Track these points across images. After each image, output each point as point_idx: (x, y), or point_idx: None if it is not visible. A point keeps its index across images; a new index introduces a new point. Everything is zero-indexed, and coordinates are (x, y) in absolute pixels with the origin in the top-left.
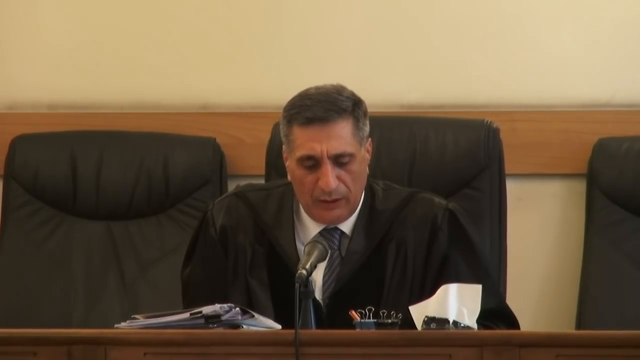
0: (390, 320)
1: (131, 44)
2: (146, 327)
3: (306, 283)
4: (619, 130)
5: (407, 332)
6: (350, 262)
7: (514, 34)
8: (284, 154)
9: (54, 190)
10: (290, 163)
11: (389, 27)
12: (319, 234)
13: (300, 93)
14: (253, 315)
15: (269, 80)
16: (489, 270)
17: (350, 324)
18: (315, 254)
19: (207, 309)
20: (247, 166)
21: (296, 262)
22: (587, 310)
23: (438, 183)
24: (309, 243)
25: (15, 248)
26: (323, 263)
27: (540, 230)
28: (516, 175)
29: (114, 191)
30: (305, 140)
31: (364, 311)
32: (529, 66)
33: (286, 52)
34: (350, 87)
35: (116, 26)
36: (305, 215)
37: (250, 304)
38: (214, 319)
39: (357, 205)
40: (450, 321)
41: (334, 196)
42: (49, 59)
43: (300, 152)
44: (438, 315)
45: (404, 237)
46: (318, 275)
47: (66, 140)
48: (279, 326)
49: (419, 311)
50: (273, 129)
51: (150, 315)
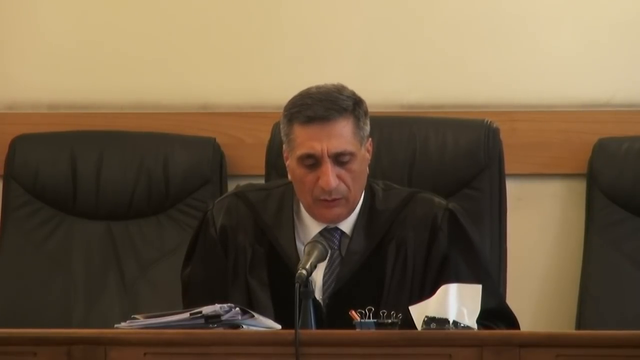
0: (390, 320)
1: (131, 44)
2: (146, 327)
3: (306, 283)
4: (619, 130)
5: (407, 332)
6: (350, 262)
7: (514, 34)
8: (285, 153)
9: (54, 190)
10: (290, 162)
11: (389, 27)
12: (319, 234)
13: (301, 92)
14: (253, 315)
15: (269, 80)
16: (489, 270)
17: (350, 324)
18: (315, 254)
19: (207, 309)
20: (247, 166)
21: (296, 262)
22: (587, 310)
23: (438, 183)
24: (309, 243)
25: (15, 248)
26: (323, 263)
27: (540, 230)
28: (516, 175)
29: (114, 191)
30: (306, 139)
31: (364, 311)
32: (529, 66)
33: (286, 52)
34: (351, 87)
35: (116, 26)
36: (305, 215)
37: (250, 304)
38: (214, 319)
39: (357, 204)
40: (450, 321)
41: (333, 196)
42: (49, 59)
43: (300, 151)
44: (438, 315)
45: (404, 237)
46: (318, 275)
47: (66, 140)
48: (279, 326)
49: (419, 311)
50: (273, 129)
51: (150, 315)
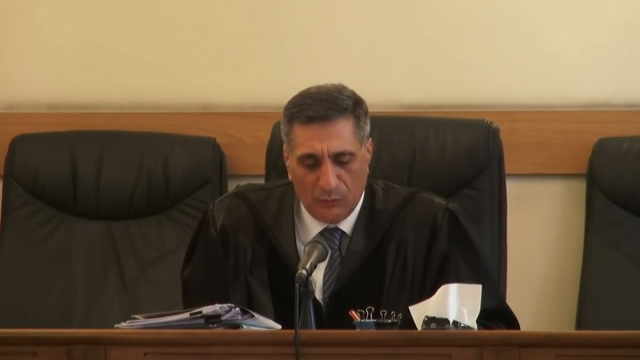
0: (390, 320)
1: (131, 44)
2: (146, 327)
3: (306, 283)
4: (619, 130)
5: (407, 332)
6: (350, 262)
7: (514, 34)
8: (285, 153)
9: (54, 190)
10: (290, 162)
11: (389, 27)
12: (319, 234)
13: (301, 92)
14: (253, 315)
15: (269, 80)
16: (489, 270)
17: (350, 324)
18: (315, 254)
19: (207, 309)
20: (247, 166)
21: (296, 262)
22: (587, 310)
23: (438, 183)
24: (309, 243)
25: (15, 248)
26: (323, 263)
27: (540, 230)
28: (516, 175)
29: (114, 191)
30: (306, 139)
31: (364, 311)
32: (529, 66)
33: (286, 52)
34: (351, 87)
35: (116, 26)
36: (305, 215)
37: (250, 304)
38: (214, 319)
39: (356, 204)
40: (450, 321)
41: (333, 196)
42: (49, 59)
43: (300, 151)
44: (438, 315)
45: (404, 237)
46: (318, 275)
47: (66, 140)
48: (279, 326)
49: (419, 311)
50: (273, 129)
51: (150, 315)
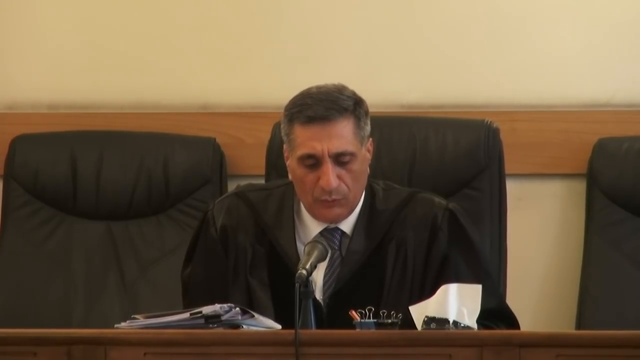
0: (390, 320)
1: (131, 44)
2: (146, 327)
3: (306, 283)
4: (619, 130)
5: (407, 332)
6: (350, 262)
7: (514, 34)
8: (285, 153)
9: (54, 190)
10: (291, 162)
11: (389, 27)
12: (320, 234)
13: (302, 92)
14: (253, 315)
15: (269, 80)
16: (489, 270)
17: (350, 324)
18: (315, 254)
19: (207, 309)
20: (247, 166)
21: (296, 262)
22: (587, 310)
23: (438, 183)
24: (309, 243)
25: (15, 248)
26: (323, 263)
27: (540, 230)
28: (516, 175)
29: (114, 191)
30: (306, 139)
31: (364, 311)
32: (529, 66)
33: (286, 52)
34: (351, 87)
35: (116, 26)
36: (305, 215)
37: (250, 304)
38: (214, 319)
39: (357, 204)
40: (450, 321)
41: (334, 196)
42: (49, 59)
43: (301, 151)
44: (438, 315)
45: (404, 237)
46: (318, 275)
47: (66, 140)
48: (279, 326)
49: (419, 311)
50: (273, 129)
51: (150, 315)
